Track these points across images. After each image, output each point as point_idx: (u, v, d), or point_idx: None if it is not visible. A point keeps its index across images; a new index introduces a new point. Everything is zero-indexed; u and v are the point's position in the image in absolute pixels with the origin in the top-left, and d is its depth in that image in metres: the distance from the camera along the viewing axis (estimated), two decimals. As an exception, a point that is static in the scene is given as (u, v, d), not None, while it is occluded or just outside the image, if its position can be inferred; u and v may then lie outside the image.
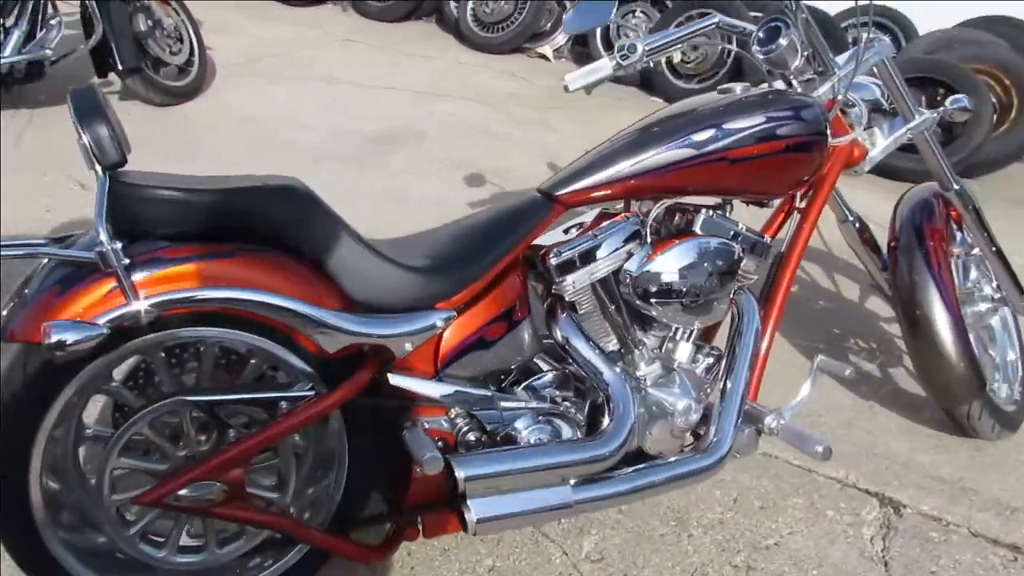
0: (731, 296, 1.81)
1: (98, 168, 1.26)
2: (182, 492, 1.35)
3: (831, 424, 2.45)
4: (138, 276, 1.27)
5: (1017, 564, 1.99)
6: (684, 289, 1.63)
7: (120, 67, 4.19)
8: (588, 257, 1.61)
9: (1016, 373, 2.47)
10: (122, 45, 4.18)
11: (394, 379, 1.47)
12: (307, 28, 6.76)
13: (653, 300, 1.63)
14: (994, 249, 2.33)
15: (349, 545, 1.55)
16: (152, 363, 1.43)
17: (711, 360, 1.80)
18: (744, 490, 2.14)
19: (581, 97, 1.96)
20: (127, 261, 1.25)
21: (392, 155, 4.23)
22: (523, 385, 1.67)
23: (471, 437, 1.56)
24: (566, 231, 1.70)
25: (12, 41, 3.91)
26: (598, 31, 6.01)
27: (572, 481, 1.56)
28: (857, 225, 2.34)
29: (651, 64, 1.87)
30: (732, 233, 1.73)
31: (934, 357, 2.17)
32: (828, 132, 1.77)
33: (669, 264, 1.62)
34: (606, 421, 1.60)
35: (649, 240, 1.67)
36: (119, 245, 1.24)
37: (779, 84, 1.90)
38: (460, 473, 1.43)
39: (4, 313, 1.28)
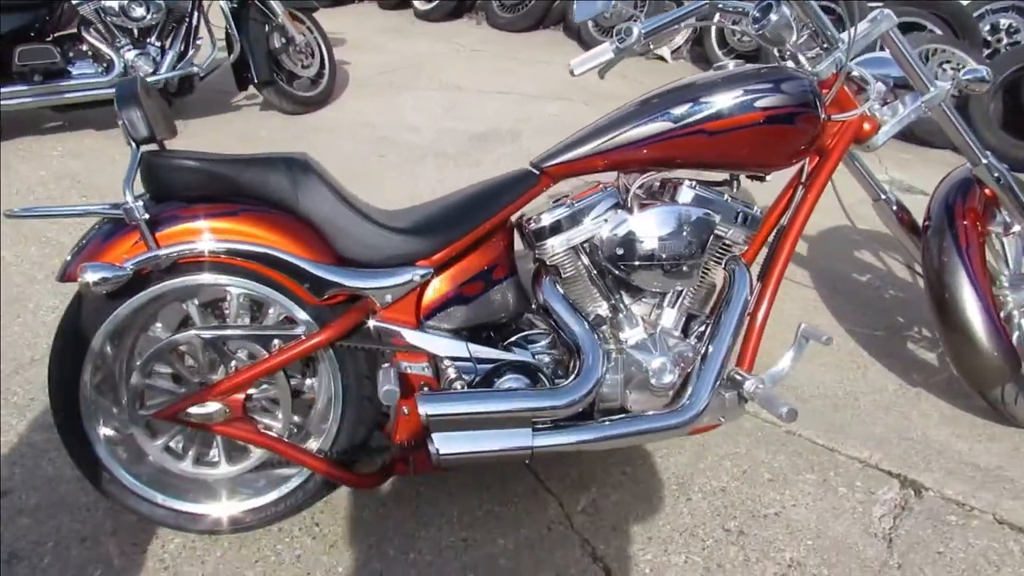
0: (723, 265, 1.88)
1: (132, 144, 1.57)
2: (192, 410, 1.63)
3: (867, 407, 2.41)
4: (158, 230, 1.57)
5: (1038, 552, 1.91)
6: (652, 254, 1.73)
7: (256, 80, 4.73)
8: (564, 224, 1.75)
9: None
10: (258, 61, 4.71)
11: (375, 326, 1.68)
12: (441, 42, 7.20)
13: (623, 264, 1.74)
14: None
15: (341, 471, 1.77)
16: (187, 307, 1.71)
17: (701, 328, 1.87)
18: (756, 463, 2.17)
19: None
20: (147, 216, 1.54)
21: (488, 153, 4.48)
22: (506, 341, 1.83)
23: (452, 384, 1.73)
24: (556, 201, 1.84)
25: (167, 60, 4.52)
26: (712, 31, 5.99)
27: (536, 426, 1.70)
28: (894, 206, 2.31)
29: (651, 46, 1.98)
30: (713, 204, 1.80)
31: (962, 340, 2.10)
32: (819, 105, 1.80)
33: (638, 231, 1.73)
34: (573, 375, 1.73)
35: (628, 209, 1.78)
36: (140, 203, 1.54)
37: (789, 63, 1.95)
38: (423, 410, 1.62)
39: (68, 259, 1.61)
